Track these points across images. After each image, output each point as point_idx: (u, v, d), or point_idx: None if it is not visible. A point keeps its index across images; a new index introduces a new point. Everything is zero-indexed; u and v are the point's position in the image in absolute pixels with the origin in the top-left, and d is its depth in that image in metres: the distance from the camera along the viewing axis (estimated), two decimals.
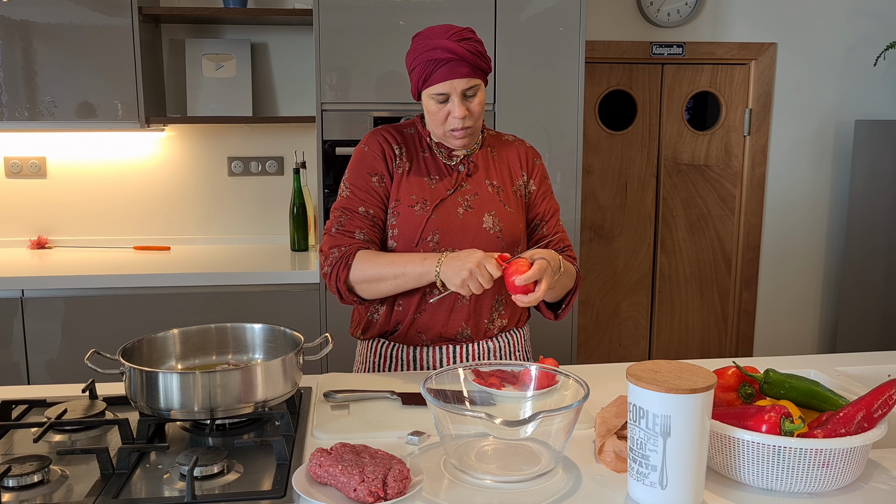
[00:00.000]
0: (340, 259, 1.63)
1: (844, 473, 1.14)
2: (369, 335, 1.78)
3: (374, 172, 1.69)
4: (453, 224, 1.67)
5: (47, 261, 3.00)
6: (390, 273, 1.60)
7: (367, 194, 1.68)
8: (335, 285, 1.64)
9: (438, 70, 1.57)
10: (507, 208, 1.72)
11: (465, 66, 1.58)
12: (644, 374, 1.10)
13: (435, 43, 1.57)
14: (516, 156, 1.77)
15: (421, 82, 1.61)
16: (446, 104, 1.61)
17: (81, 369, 2.65)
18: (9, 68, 2.86)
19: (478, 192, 1.70)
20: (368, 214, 1.67)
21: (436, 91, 1.60)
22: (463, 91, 1.59)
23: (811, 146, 3.84)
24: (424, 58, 1.58)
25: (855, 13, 3.73)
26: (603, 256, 3.84)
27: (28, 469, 1.17)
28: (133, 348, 1.43)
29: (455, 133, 1.64)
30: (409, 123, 1.77)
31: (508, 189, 1.74)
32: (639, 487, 1.11)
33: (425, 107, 1.65)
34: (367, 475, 1.10)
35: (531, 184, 1.78)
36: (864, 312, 3.66)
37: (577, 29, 2.88)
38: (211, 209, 3.38)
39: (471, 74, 1.59)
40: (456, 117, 1.61)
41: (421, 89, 1.63)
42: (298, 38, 3.32)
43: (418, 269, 1.57)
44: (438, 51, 1.56)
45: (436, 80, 1.58)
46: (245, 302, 2.80)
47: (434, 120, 1.65)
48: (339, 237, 1.66)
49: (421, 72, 1.59)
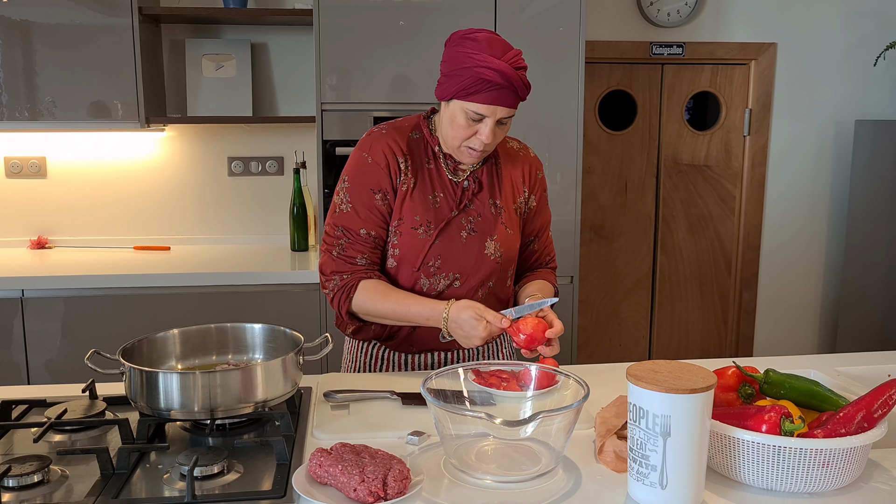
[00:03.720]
0: (342, 289, 1.62)
1: (844, 473, 1.14)
2: (361, 337, 1.76)
3: (378, 189, 1.62)
4: (456, 249, 1.64)
5: (47, 261, 3.00)
6: (394, 315, 1.59)
7: (370, 213, 1.62)
8: (337, 310, 1.65)
9: (487, 91, 1.49)
10: (508, 230, 1.69)
11: (513, 96, 1.51)
12: (644, 374, 1.10)
13: (491, 61, 1.48)
14: (520, 171, 1.73)
15: (461, 93, 1.51)
16: (478, 123, 1.54)
17: (81, 369, 2.63)
18: (9, 68, 2.86)
19: (481, 214, 1.66)
20: (370, 237, 1.63)
21: (475, 109, 1.51)
22: (500, 118, 1.54)
23: (811, 146, 3.84)
24: (475, 73, 1.48)
25: (855, 13, 3.73)
26: (603, 257, 3.84)
27: (28, 469, 1.17)
28: (133, 348, 1.43)
29: (472, 152, 1.59)
30: (413, 125, 1.68)
31: (510, 208, 1.70)
32: (639, 487, 1.11)
33: (451, 115, 1.56)
34: (367, 475, 1.10)
35: (532, 199, 1.75)
36: (864, 312, 3.65)
37: (577, 29, 2.88)
38: (211, 209, 3.38)
39: (514, 104, 1.53)
40: (482, 140, 1.55)
41: (457, 98, 1.53)
42: (298, 38, 3.31)
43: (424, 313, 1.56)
44: (493, 72, 1.47)
45: (480, 101, 1.50)
46: (245, 302, 2.80)
47: (457, 133, 1.56)
48: (340, 262, 1.63)
49: (464, 84, 1.50)
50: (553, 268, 1.82)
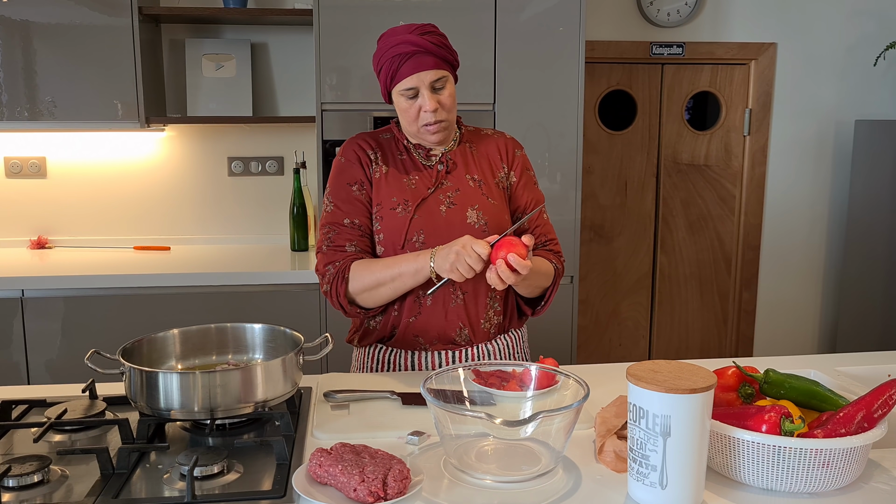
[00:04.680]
0: (337, 274, 1.63)
1: (844, 473, 1.14)
2: (366, 342, 1.77)
3: (354, 181, 1.68)
4: (437, 222, 1.66)
5: (47, 261, 3.00)
6: (387, 276, 1.59)
7: (350, 205, 1.67)
8: (337, 301, 1.64)
9: (405, 64, 1.57)
10: (491, 201, 1.70)
11: (431, 58, 1.58)
12: (644, 374, 1.10)
13: (398, 38, 1.57)
14: (495, 148, 1.76)
15: (389, 80, 1.61)
16: (416, 99, 1.61)
17: (81, 369, 2.65)
18: (9, 68, 2.86)
19: (459, 188, 1.69)
20: (355, 224, 1.67)
21: (404, 87, 1.59)
22: (431, 83, 1.59)
23: (811, 146, 3.84)
24: (390, 54, 1.58)
25: (855, 13, 3.73)
26: (603, 256, 3.84)
27: (28, 469, 1.17)
28: (133, 348, 1.43)
29: (429, 128, 1.63)
30: (385, 129, 1.77)
31: (490, 182, 1.72)
32: (639, 487, 1.11)
33: (397, 106, 1.65)
34: (367, 475, 1.10)
35: (511, 175, 1.76)
36: (864, 312, 3.66)
37: (576, 29, 2.88)
38: (211, 209, 3.38)
39: (437, 66, 1.59)
40: (427, 111, 1.60)
41: (390, 88, 1.62)
42: (298, 38, 3.32)
43: (413, 265, 1.57)
44: (403, 45, 1.57)
45: (403, 75, 1.58)
46: (245, 302, 2.80)
47: (406, 118, 1.64)
48: (331, 253, 1.66)
49: (388, 69, 1.59)
50: (554, 251, 1.77)
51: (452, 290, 1.68)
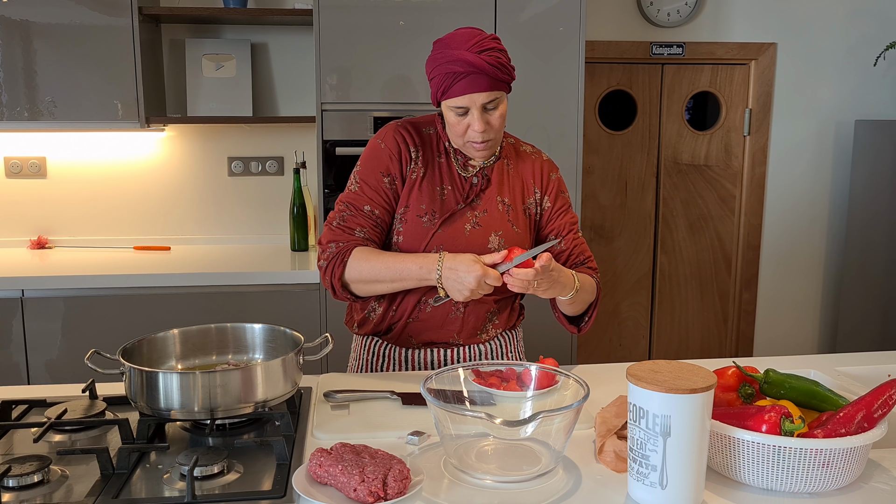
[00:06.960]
0: (337, 255, 1.61)
1: (844, 473, 1.14)
2: (364, 331, 1.77)
3: (388, 173, 1.65)
4: (459, 241, 1.64)
5: (47, 261, 3.00)
6: (386, 276, 1.58)
7: (377, 193, 1.65)
8: (329, 280, 1.62)
9: (457, 83, 1.52)
10: (515, 229, 1.69)
11: (486, 80, 1.51)
12: (644, 374, 1.10)
13: (455, 55, 1.51)
14: (531, 171, 1.73)
15: (440, 93, 1.56)
16: (465, 117, 1.56)
17: (81, 369, 2.65)
18: (9, 68, 2.86)
19: (487, 210, 1.67)
20: (373, 214, 1.65)
21: (455, 104, 1.55)
22: (483, 105, 1.55)
23: (811, 146, 3.84)
24: (443, 70, 1.52)
25: (855, 13, 3.73)
26: (603, 256, 3.84)
27: (28, 469, 1.17)
28: (133, 348, 1.43)
29: (475, 146, 1.60)
30: (429, 121, 1.72)
31: (518, 207, 1.70)
32: (639, 487, 1.11)
33: (445, 116, 1.61)
34: (367, 475, 1.10)
35: (545, 200, 1.74)
36: (864, 312, 3.65)
37: (577, 29, 2.88)
38: (211, 209, 3.38)
39: (491, 87, 1.52)
40: (475, 131, 1.57)
41: (440, 100, 1.58)
42: (298, 38, 3.31)
43: (417, 273, 1.55)
44: (457, 63, 1.50)
45: (454, 94, 1.53)
46: (245, 302, 2.80)
47: (454, 131, 1.60)
48: (338, 232, 1.64)
49: (440, 83, 1.54)
50: (592, 268, 1.76)
51: (454, 304, 1.68)
